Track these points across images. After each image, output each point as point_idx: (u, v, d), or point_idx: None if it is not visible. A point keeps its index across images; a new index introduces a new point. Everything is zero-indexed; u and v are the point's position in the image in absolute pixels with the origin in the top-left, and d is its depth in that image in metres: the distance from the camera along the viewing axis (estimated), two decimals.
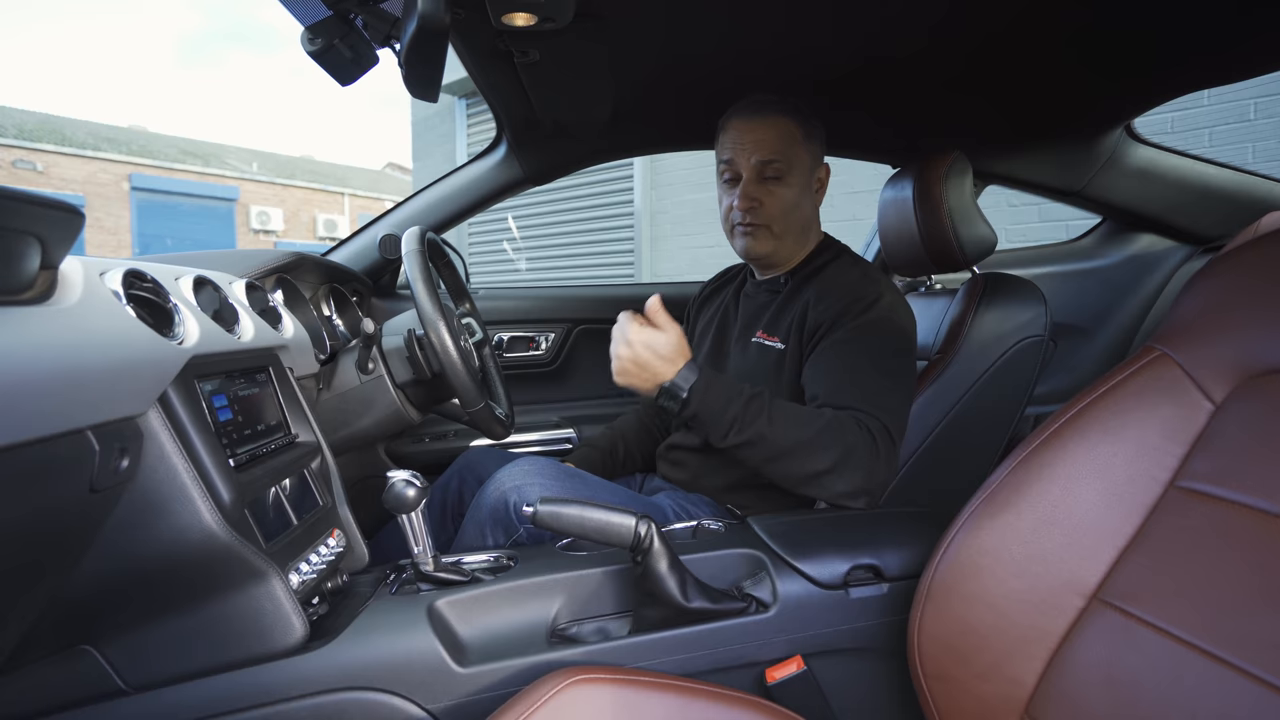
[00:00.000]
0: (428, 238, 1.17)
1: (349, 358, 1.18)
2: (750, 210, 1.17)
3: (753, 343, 1.20)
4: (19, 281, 0.57)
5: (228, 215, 16.71)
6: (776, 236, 1.18)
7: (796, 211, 1.18)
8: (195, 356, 0.75)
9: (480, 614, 0.83)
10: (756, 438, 0.97)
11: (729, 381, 1.01)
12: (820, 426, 0.97)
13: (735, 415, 0.97)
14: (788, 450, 0.96)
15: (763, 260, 1.24)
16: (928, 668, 0.73)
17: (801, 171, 1.17)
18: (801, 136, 1.16)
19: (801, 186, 1.18)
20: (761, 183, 1.16)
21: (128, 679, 0.73)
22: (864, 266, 1.19)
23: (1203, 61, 1.20)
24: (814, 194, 1.22)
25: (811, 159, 1.19)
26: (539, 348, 1.91)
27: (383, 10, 0.98)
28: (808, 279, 1.19)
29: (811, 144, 1.19)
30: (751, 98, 1.19)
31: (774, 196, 1.16)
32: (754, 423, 0.97)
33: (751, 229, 1.18)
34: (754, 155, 1.15)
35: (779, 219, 1.17)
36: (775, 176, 1.16)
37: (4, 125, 14.15)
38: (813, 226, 1.24)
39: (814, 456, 0.96)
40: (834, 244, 1.26)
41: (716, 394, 0.99)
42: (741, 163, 1.17)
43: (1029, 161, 1.61)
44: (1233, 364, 0.63)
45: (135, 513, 0.68)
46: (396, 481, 0.83)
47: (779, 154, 1.15)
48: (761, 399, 0.99)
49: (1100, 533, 0.65)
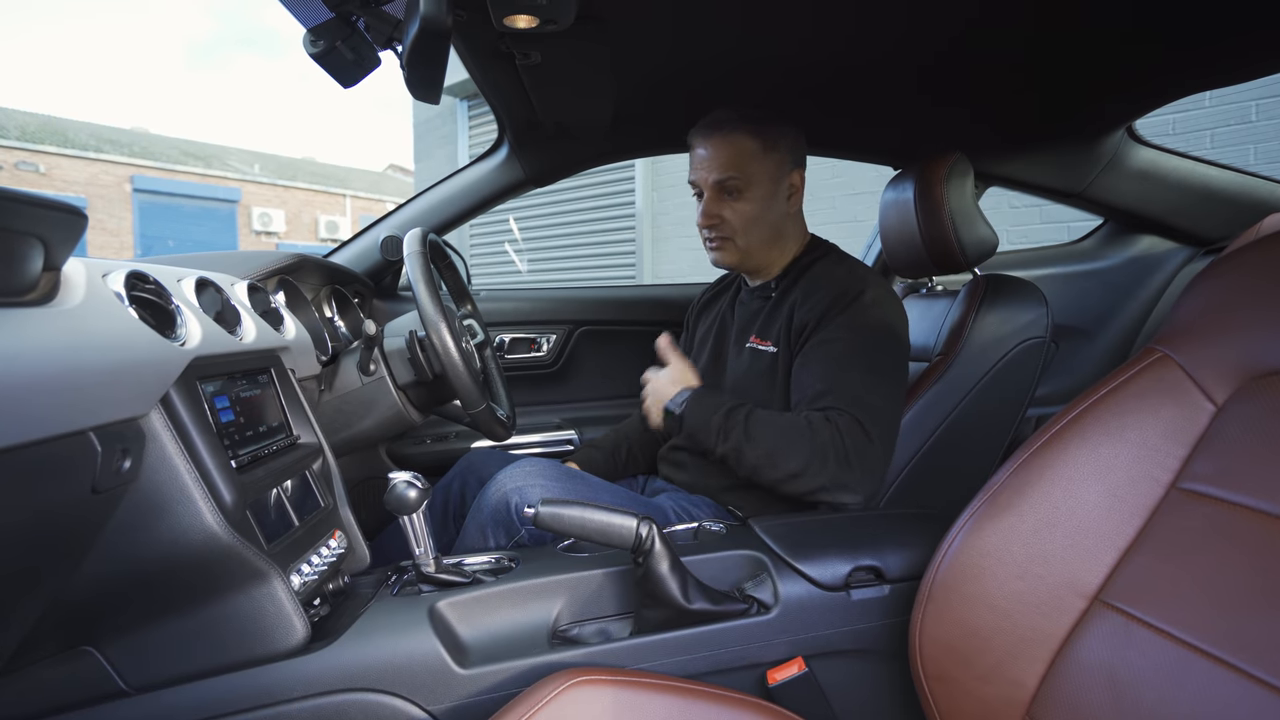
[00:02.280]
0: (429, 239, 1.17)
1: (350, 359, 1.18)
2: (712, 226, 1.20)
3: (747, 348, 1.21)
4: (22, 283, 0.57)
5: (229, 217, 16.73)
6: (741, 249, 1.21)
7: (760, 222, 1.19)
8: (197, 358, 0.75)
9: (481, 615, 0.83)
10: (737, 445, 1.04)
11: (714, 396, 1.10)
12: (794, 432, 1.01)
13: (718, 426, 1.05)
14: (764, 456, 1.02)
15: (735, 269, 1.27)
16: (929, 669, 0.73)
17: (762, 183, 1.17)
18: (759, 150, 1.17)
19: (763, 198, 1.18)
20: (721, 199, 1.18)
21: (129, 680, 0.73)
22: (850, 263, 1.20)
23: (1204, 63, 1.20)
24: (785, 200, 1.21)
25: (775, 169, 1.19)
26: (540, 349, 1.91)
27: (385, 12, 0.98)
28: (795, 281, 1.20)
29: (773, 154, 1.18)
30: (710, 116, 1.20)
31: (734, 211, 1.18)
32: (733, 433, 1.04)
33: (718, 243, 1.22)
34: (711, 174, 1.18)
35: (741, 232, 1.19)
36: (733, 192, 1.17)
37: (6, 127, 14.19)
38: (788, 232, 1.24)
39: (786, 461, 1.00)
40: (821, 244, 1.27)
41: (702, 407, 1.08)
42: (701, 181, 1.19)
43: (1030, 163, 1.61)
44: (1234, 365, 0.63)
45: (137, 514, 0.68)
46: (398, 483, 0.83)
47: (736, 170, 1.16)
48: (739, 411, 1.06)
49: (1102, 534, 0.65)
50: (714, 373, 1.28)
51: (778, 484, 1.02)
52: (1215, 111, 3.04)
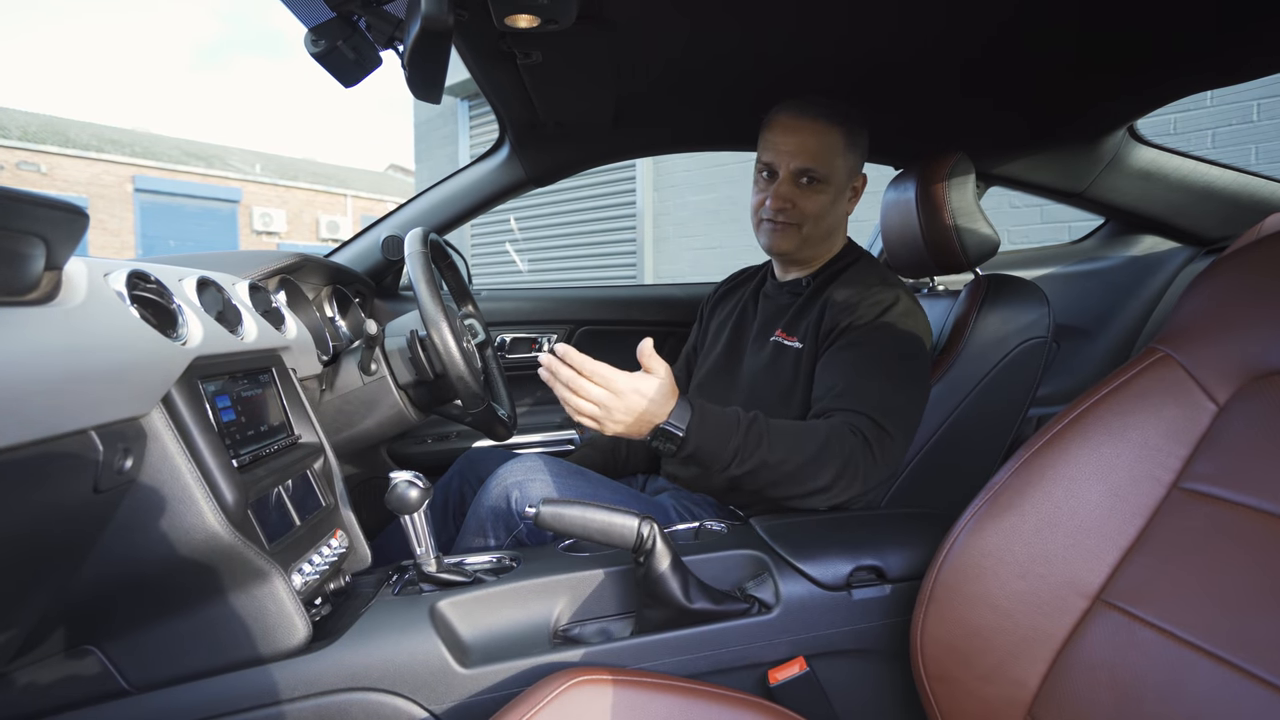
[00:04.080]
0: (430, 239, 1.17)
1: (351, 359, 1.18)
2: (782, 210, 1.17)
3: (771, 341, 1.20)
4: (24, 282, 0.57)
5: (230, 217, 16.75)
6: (804, 237, 1.19)
7: (828, 217, 1.18)
8: (199, 357, 0.75)
9: (483, 615, 0.83)
10: (759, 465, 0.94)
11: (723, 412, 0.97)
12: (819, 442, 0.95)
13: (737, 446, 0.94)
14: (790, 473, 0.95)
15: (785, 257, 1.24)
16: (930, 669, 0.72)
17: (839, 180, 1.17)
18: (844, 147, 1.15)
19: (836, 194, 1.17)
20: (797, 186, 1.16)
21: (131, 679, 0.73)
22: (883, 272, 1.19)
23: (1206, 62, 1.20)
24: (847, 201, 1.22)
25: (851, 168, 1.19)
26: (541, 349, 1.91)
27: (386, 12, 0.98)
28: (829, 281, 1.19)
29: (852, 154, 1.18)
30: (802, 97, 1.17)
31: (809, 200, 1.16)
32: (756, 450, 0.94)
33: (781, 226, 1.18)
34: (794, 161, 1.15)
35: (810, 221, 1.17)
36: (813, 181, 1.16)
37: (8, 127, 14.20)
38: (839, 231, 1.24)
39: (815, 476, 0.94)
40: (856, 249, 1.27)
41: (714, 427, 0.95)
42: (780, 165, 1.16)
43: (1032, 163, 1.60)
44: (1236, 365, 0.63)
45: (139, 513, 0.68)
46: (399, 482, 0.83)
47: (819, 163, 1.14)
48: (759, 424, 0.96)
49: (1103, 534, 0.65)
50: (729, 365, 1.28)
51: (799, 499, 0.97)
52: (1217, 111, 3.04)
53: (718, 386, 1.27)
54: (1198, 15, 1.03)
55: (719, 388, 1.27)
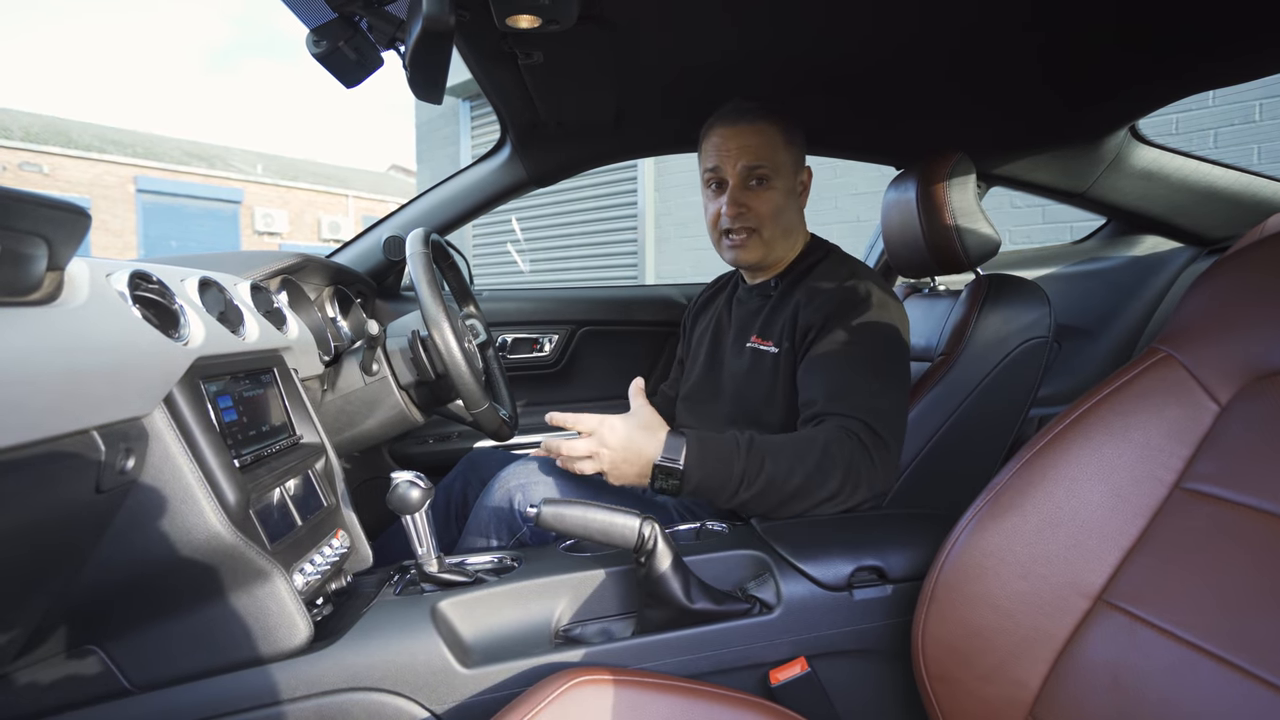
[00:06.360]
0: (432, 239, 1.17)
1: (353, 359, 1.18)
2: (739, 215, 1.17)
3: (747, 348, 1.20)
4: (26, 282, 0.57)
5: (232, 217, 16.78)
6: (765, 242, 1.19)
7: (783, 215, 1.18)
8: (200, 357, 0.75)
9: (484, 615, 0.83)
10: (766, 485, 0.93)
11: (720, 438, 0.96)
12: (819, 453, 0.94)
13: (741, 471, 0.93)
14: (798, 487, 0.94)
15: (755, 267, 1.24)
16: (932, 670, 0.72)
17: (786, 175, 1.17)
18: (784, 141, 1.17)
19: (786, 190, 1.18)
20: (748, 188, 1.17)
21: (133, 679, 0.73)
22: (852, 265, 1.19)
23: (1208, 62, 1.20)
24: (798, 196, 1.22)
25: (794, 162, 1.19)
26: (543, 349, 1.91)
27: (387, 12, 0.98)
28: (797, 281, 1.19)
29: (793, 148, 1.19)
30: (733, 104, 1.19)
31: (761, 200, 1.17)
32: (760, 471, 0.93)
33: (740, 239, 1.18)
34: (739, 161, 1.16)
35: (767, 222, 1.17)
36: (761, 180, 1.16)
37: (10, 128, 14.23)
38: (798, 228, 1.24)
39: (821, 485, 0.94)
40: (822, 244, 1.26)
41: (714, 455, 0.94)
42: (727, 169, 1.17)
43: (1033, 163, 1.60)
44: (1238, 365, 0.63)
45: (141, 513, 0.68)
46: (400, 483, 0.83)
47: (764, 159, 1.15)
48: (757, 445, 0.95)
49: (1105, 534, 0.65)
50: (711, 374, 1.28)
51: (804, 510, 0.96)
52: (1219, 111, 3.03)
53: (703, 396, 1.28)
54: (1200, 14, 1.03)
55: (704, 397, 1.27)
